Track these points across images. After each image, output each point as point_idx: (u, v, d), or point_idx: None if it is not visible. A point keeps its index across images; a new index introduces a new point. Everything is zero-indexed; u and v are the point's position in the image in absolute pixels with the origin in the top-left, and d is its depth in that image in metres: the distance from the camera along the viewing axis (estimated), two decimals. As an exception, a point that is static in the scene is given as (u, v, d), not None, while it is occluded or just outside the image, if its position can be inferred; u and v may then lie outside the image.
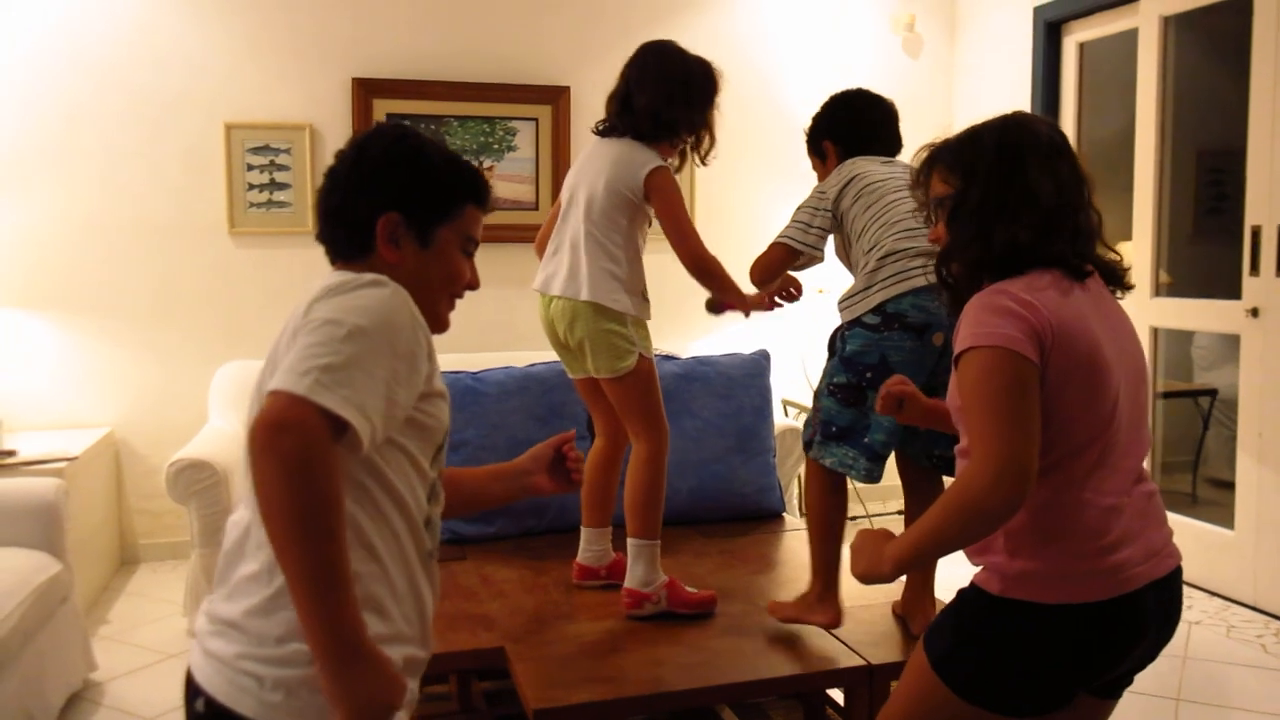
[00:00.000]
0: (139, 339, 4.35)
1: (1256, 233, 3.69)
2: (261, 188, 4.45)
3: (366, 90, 4.48)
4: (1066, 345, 1.52)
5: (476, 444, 3.13)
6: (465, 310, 4.81)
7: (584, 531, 2.74)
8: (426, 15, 4.57)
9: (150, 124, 4.31)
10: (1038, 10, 4.67)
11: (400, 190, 1.46)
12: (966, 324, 1.56)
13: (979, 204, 1.62)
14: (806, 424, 2.51)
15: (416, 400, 1.37)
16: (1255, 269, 3.70)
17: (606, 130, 2.59)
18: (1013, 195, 1.61)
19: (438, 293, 1.51)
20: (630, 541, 2.54)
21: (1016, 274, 1.59)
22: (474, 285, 1.57)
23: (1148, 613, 1.59)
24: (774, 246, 2.56)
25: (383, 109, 4.50)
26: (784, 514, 3.38)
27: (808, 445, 2.47)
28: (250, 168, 4.43)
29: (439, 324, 1.53)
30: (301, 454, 1.16)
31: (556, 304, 2.55)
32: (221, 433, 3.94)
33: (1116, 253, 1.75)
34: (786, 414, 4.88)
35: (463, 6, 4.60)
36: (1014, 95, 4.82)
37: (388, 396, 1.27)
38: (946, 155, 1.71)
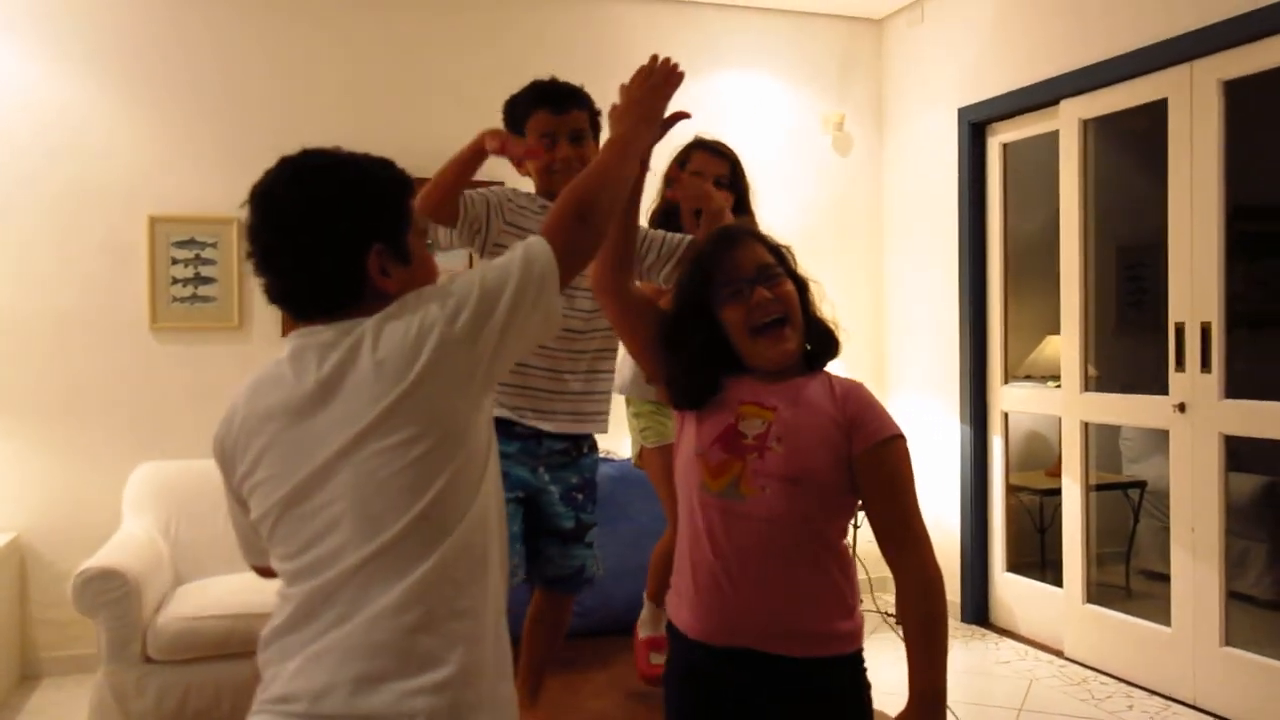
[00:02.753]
0: (50, 438, 4.16)
1: (1180, 329, 3.76)
2: (185, 282, 4.34)
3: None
4: None
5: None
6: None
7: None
8: (361, 108, 4.55)
9: (69, 215, 4.20)
10: (962, 112, 4.79)
11: (372, 218, 1.40)
12: (875, 411, 1.69)
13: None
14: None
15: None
16: (1180, 365, 3.77)
17: None
18: None
19: None
20: None
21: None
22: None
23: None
24: None
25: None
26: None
27: None
28: (175, 261, 4.32)
29: None
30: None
31: None
32: (135, 538, 3.75)
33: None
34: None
35: (395, 99, 4.58)
36: (941, 193, 4.92)
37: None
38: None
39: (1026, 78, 4.42)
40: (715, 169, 2.59)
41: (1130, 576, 5.06)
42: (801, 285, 1.79)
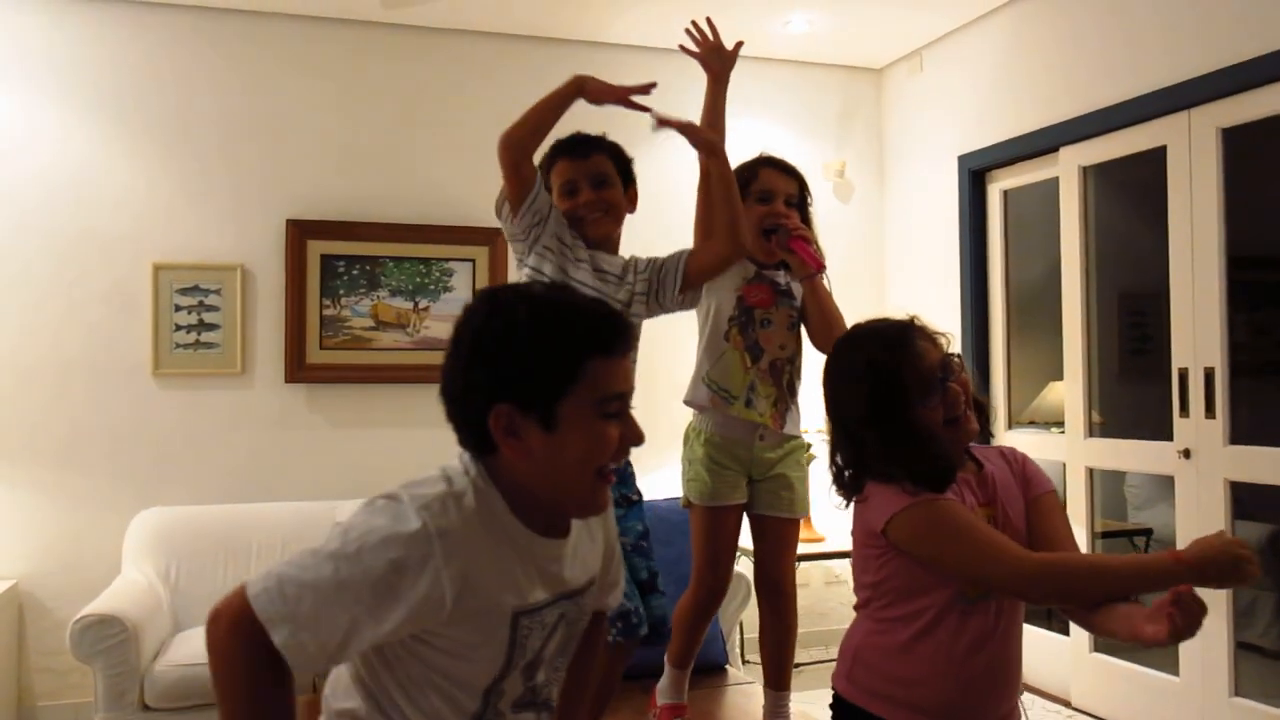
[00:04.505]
0: (50, 484, 4.15)
1: (1184, 375, 3.75)
2: (189, 328, 4.35)
3: (301, 231, 4.45)
4: None
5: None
6: (390, 449, 4.64)
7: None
8: (361, 157, 4.59)
9: (74, 262, 4.22)
10: (962, 159, 4.83)
11: (501, 378, 1.27)
12: (1035, 465, 1.90)
13: None
14: None
15: (411, 635, 1.29)
16: (1185, 410, 3.76)
17: None
18: None
19: (578, 475, 1.30)
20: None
21: None
22: (632, 443, 1.33)
23: None
24: None
25: (317, 250, 4.47)
26: (727, 666, 3.25)
27: None
28: (178, 308, 4.34)
29: (589, 507, 1.35)
30: (220, 644, 1.23)
31: None
32: (135, 584, 3.73)
33: None
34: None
35: (398, 148, 4.63)
36: (943, 240, 4.94)
37: (346, 628, 1.22)
38: None
39: (1026, 125, 4.45)
40: (785, 187, 2.56)
41: (1138, 625, 4.99)
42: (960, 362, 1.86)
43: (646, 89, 2.25)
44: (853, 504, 1.84)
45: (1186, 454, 3.73)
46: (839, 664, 1.86)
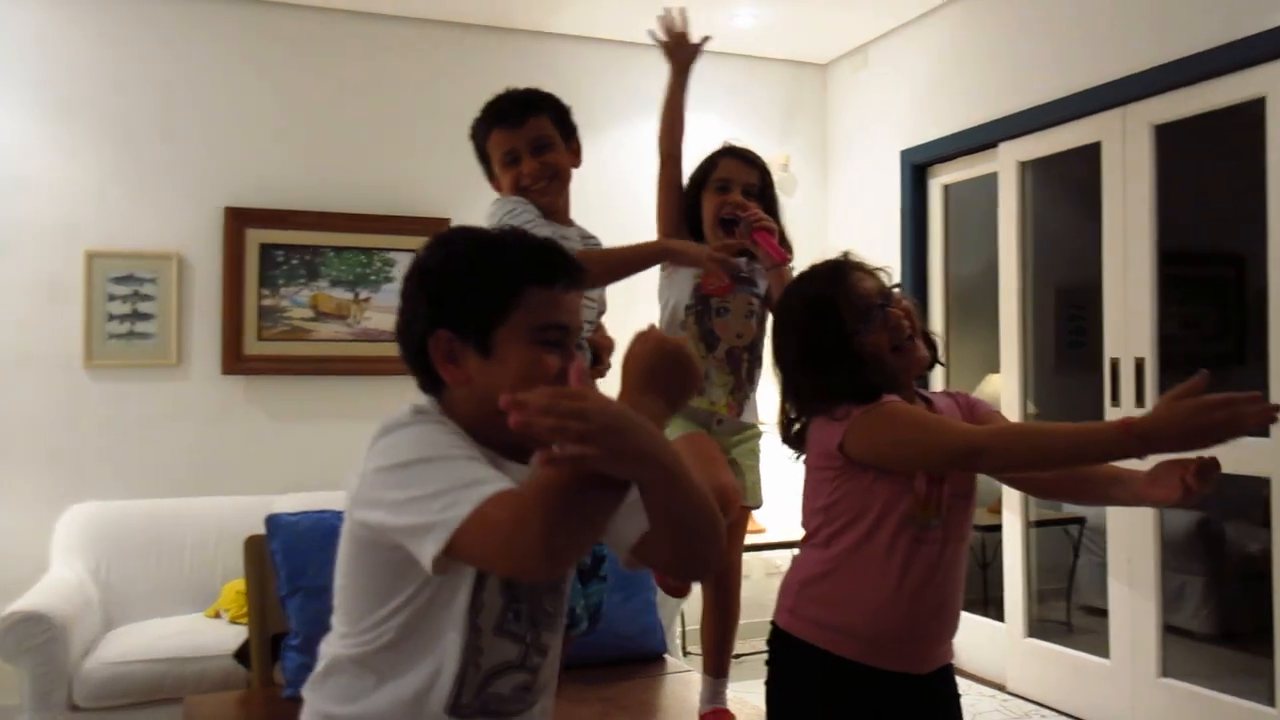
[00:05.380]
0: (-22, 478, 4.04)
1: (1115, 365, 3.83)
2: (123, 318, 4.26)
3: (239, 219, 4.38)
4: None
5: (343, 588, 2.95)
6: (330, 442, 4.60)
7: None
8: (302, 145, 4.52)
9: (4, 250, 4.10)
10: (904, 154, 4.88)
11: (439, 305, 1.31)
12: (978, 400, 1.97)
13: None
14: None
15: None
16: (1116, 399, 3.83)
17: None
18: None
19: None
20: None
21: None
22: (564, 376, 1.31)
23: None
24: None
25: (256, 239, 4.39)
26: (666, 655, 3.26)
27: None
28: (112, 298, 4.24)
29: (531, 436, 1.33)
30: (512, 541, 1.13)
31: None
32: (64, 581, 3.65)
33: None
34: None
35: (340, 137, 4.57)
36: (884, 234, 4.99)
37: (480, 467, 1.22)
38: None
39: (966, 121, 4.51)
40: (745, 177, 2.53)
41: (1071, 612, 5.11)
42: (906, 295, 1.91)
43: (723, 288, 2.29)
44: (803, 457, 1.87)
45: None
46: (781, 599, 1.87)
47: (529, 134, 2.20)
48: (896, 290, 1.86)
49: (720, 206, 2.49)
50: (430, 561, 1.17)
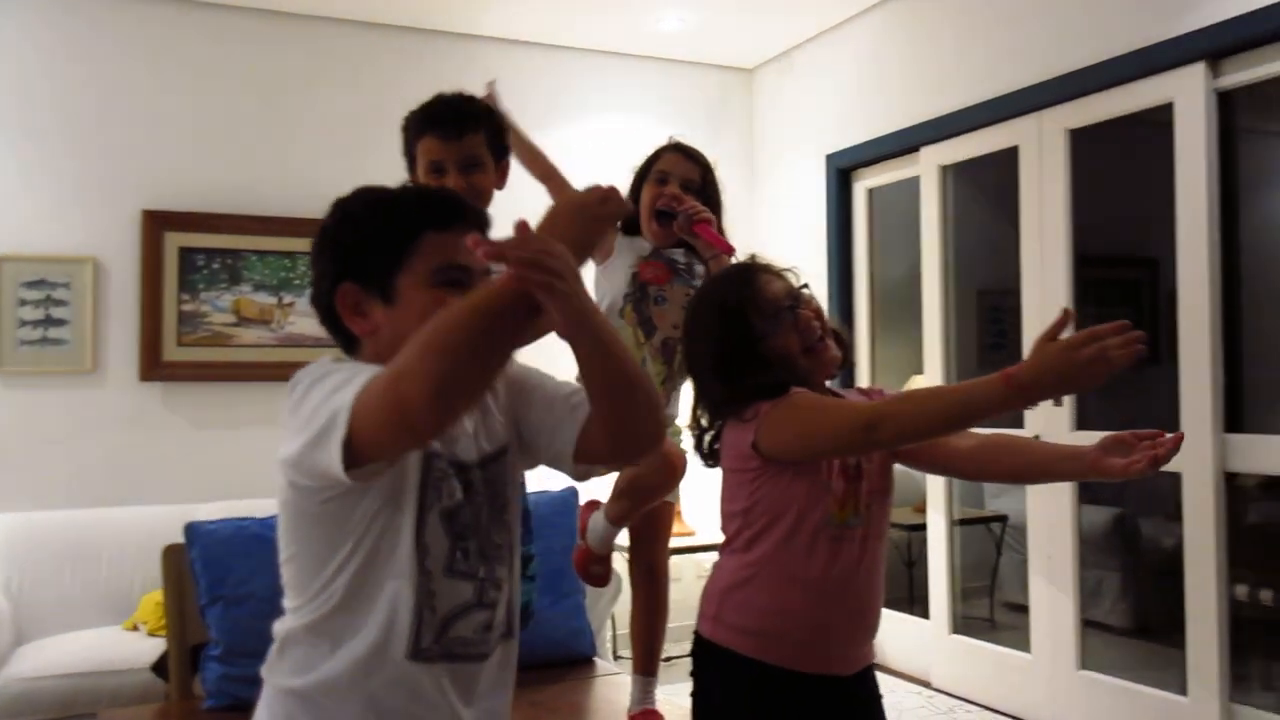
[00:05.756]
0: (-120, 490, 3.90)
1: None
2: (35, 324, 4.14)
3: (157, 223, 4.28)
4: None
5: (264, 596, 2.89)
6: (253, 450, 4.51)
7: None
8: (224, 146, 4.44)
9: (-93, 255, 3.97)
10: (829, 158, 4.94)
11: (341, 260, 1.36)
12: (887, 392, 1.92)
13: None
14: None
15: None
16: (1035, 400, 3.92)
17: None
18: None
19: None
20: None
21: None
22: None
23: None
24: None
25: (175, 242, 4.30)
26: (595, 658, 3.26)
27: None
28: (23, 303, 4.12)
29: None
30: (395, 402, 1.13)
31: None
32: (-30, 596, 3.53)
33: None
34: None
35: (262, 139, 4.49)
36: (810, 237, 5.05)
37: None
38: None
39: (889, 125, 4.59)
40: (685, 172, 2.51)
41: (994, 609, 5.21)
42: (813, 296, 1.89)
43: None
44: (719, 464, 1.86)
45: (1037, 439, 3.89)
46: (704, 607, 1.85)
47: (462, 150, 2.11)
48: (805, 291, 1.85)
49: (657, 198, 2.50)
50: (339, 465, 1.15)
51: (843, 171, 4.93)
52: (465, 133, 2.10)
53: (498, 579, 1.40)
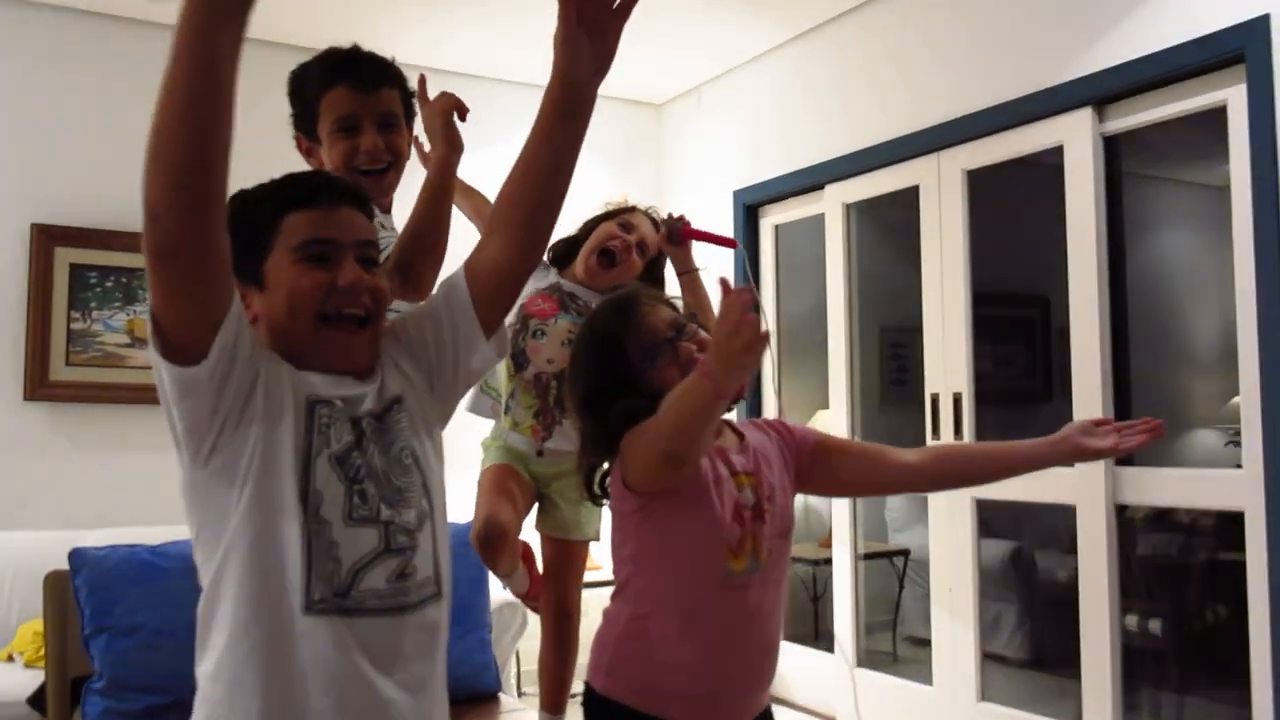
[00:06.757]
0: None
1: (935, 400, 4.01)
2: (-90, 343, 3.93)
3: (48, 237, 4.12)
4: None
5: (154, 627, 2.77)
6: (144, 475, 4.35)
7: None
8: (122, 161, 4.28)
9: None
10: (737, 194, 5.01)
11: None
12: (794, 425, 1.86)
13: None
14: None
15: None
16: (936, 432, 4.00)
17: None
18: None
19: (294, 323, 1.37)
20: None
21: None
22: (343, 284, 1.38)
23: None
24: None
25: (66, 258, 4.14)
26: (500, 694, 3.20)
27: None
28: (-102, 321, 3.92)
29: (326, 355, 1.38)
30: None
31: None
32: None
33: None
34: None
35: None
36: (719, 272, 5.08)
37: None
38: None
39: (794, 163, 4.67)
40: (648, 234, 2.55)
41: (897, 643, 5.27)
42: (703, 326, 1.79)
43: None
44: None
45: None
46: (595, 657, 1.75)
47: (380, 105, 1.88)
48: (691, 322, 1.75)
49: (613, 238, 2.50)
50: (159, 351, 1.24)
51: (750, 208, 4.99)
52: (381, 85, 1.90)
53: (406, 524, 1.37)
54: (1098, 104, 3.48)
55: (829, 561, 4.62)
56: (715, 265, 2.28)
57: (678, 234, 2.46)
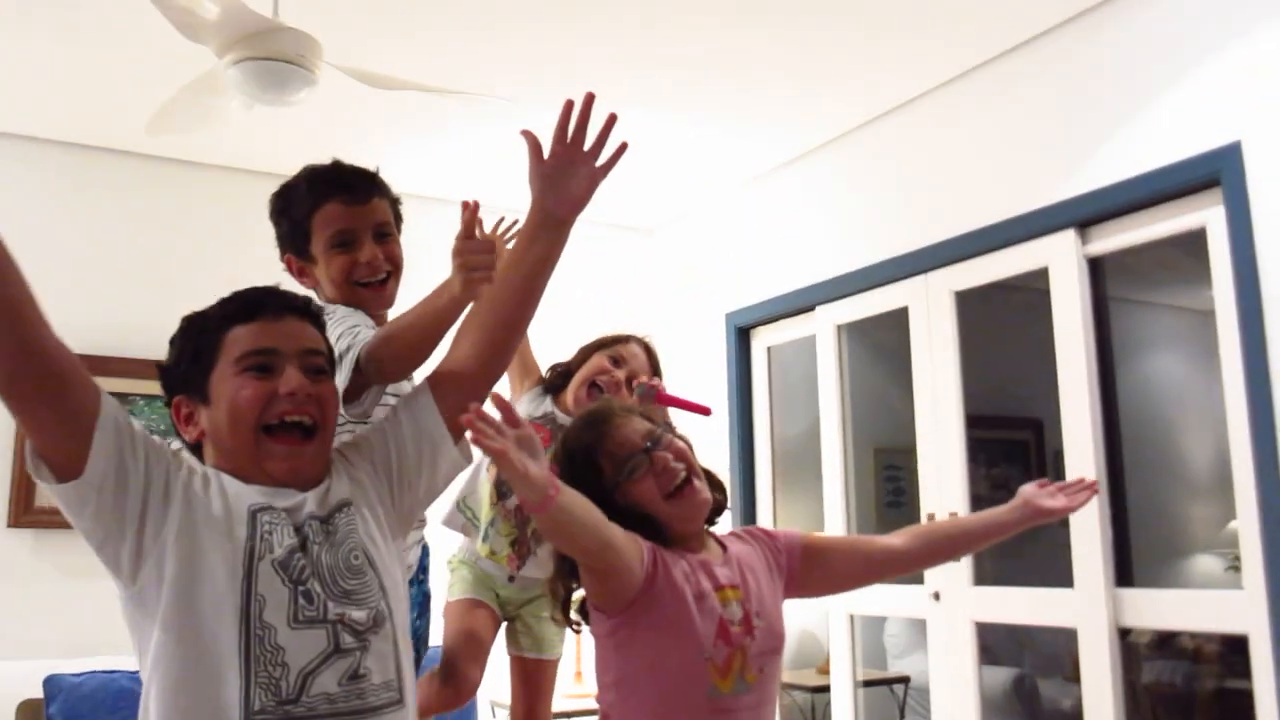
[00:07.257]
0: None
1: (931, 519, 3.96)
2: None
3: (41, 364, 4.11)
4: None
5: (129, 760, 2.68)
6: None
7: None
8: (112, 288, 4.34)
9: None
10: (729, 316, 5.06)
11: (169, 376, 1.51)
12: (775, 531, 1.91)
13: None
14: None
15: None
16: (933, 555, 3.95)
17: None
18: None
19: (236, 436, 1.41)
20: None
21: None
22: (284, 391, 1.42)
23: None
24: None
25: (58, 384, 4.13)
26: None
27: None
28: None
29: (269, 470, 1.39)
30: None
31: None
32: None
33: None
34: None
35: (155, 282, 4.40)
36: (711, 394, 5.10)
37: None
38: None
39: (785, 285, 4.73)
40: (639, 369, 2.55)
41: (898, 776, 5.10)
42: (681, 436, 1.77)
43: None
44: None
45: (937, 596, 3.91)
46: None
47: (374, 216, 1.87)
48: (667, 432, 1.71)
49: (602, 372, 2.50)
50: (52, 479, 1.30)
51: (742, 330, 5.03)
52: (372, 196, 1.89)
53: (354, 624, 1.33)
54: (1080, 226, 3.54)
55: (827, 689, 4.51)
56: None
57: (650, 400, 2.47)
